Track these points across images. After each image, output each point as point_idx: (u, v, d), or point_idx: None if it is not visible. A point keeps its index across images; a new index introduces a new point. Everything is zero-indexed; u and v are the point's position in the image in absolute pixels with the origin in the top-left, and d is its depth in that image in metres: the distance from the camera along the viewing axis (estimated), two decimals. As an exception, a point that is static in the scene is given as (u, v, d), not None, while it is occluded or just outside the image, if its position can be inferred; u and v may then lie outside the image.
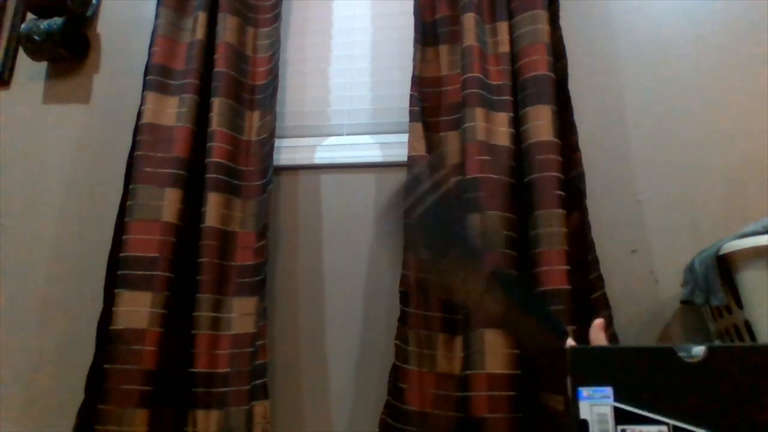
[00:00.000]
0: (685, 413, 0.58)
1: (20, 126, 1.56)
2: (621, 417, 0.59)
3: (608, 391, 0.60)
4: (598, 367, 0.61)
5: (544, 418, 1.03)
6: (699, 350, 0.60)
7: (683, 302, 1.03)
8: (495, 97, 1.23)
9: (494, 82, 1.24)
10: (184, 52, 1.39)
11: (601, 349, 0.69)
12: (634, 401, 0.59)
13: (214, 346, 1.18)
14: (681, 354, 0.61)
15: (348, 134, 1.42)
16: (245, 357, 1.18)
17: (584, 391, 0.60)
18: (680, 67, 1.29)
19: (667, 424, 0.58)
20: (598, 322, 0.78)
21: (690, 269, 1.01)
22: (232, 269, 1.25)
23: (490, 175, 1.15)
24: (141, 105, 1.33)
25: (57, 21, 1.50)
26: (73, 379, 1.27)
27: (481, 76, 1.22)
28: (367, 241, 1.31)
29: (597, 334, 0.78)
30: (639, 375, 0.61)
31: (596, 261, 1.11)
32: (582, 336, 0.82)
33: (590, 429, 0.59)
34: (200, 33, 1.36)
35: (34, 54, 1.53)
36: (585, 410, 0.59)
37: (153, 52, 1.37)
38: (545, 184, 1.12)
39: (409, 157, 1.23)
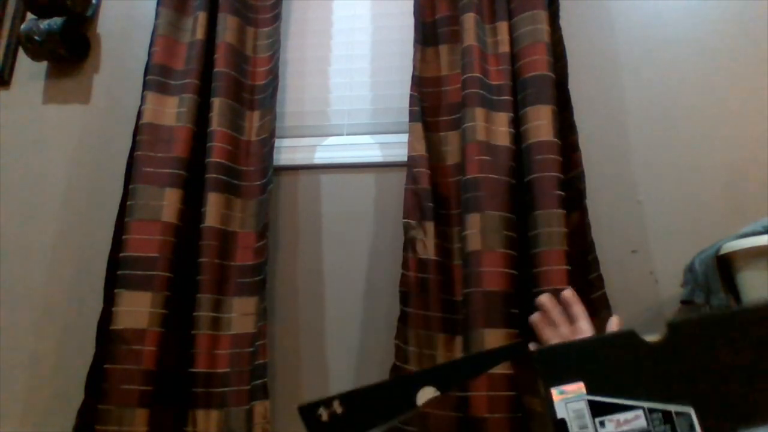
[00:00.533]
0: (657, 393, 0.59)
1: (20, 126, 1.56)
2: (596, 409, 0.59)
3: (580, 386, 0.60)
4: (566, 364, 0.62)
5: (534, 418, 1.03)
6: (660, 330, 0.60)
7: (683, 302, 1.03)
8: (495, 97, 1.22)
9: (494, 82, 1.24)
10: (184, 52, 1.39)
11: (565, 346, 0.70)
12: (606, 390, 0.60)
13: (214, 346, 1.18)
14: (644, 335, 0.61)
15: (348, 134, 1.42)
16: (245, 357, 1.18)
17: (556, 391, 0.60)
18: (680, 67, 1.29)
19: (641, 408, 0.59)
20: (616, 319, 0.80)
21: (690, 269, 1.01)
22: (232, 269, 1.24)
23: (490, 175, 1.15)
24: (141, 105, 1.33)
25: (57, 21, 1.49)
26: (73, 379, 1.26)
27: (481, 76, 1.21)
28: (367, 241, 1.31)
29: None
30: (606, 364, 0.61)
31: (596, 261, 1.11)
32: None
33: (569, 427, 0.59)
34: (200, 33, 1.36)
35: (34, 54, 1.53)
36: (561, 409, 0.60)
37: (153, 52, 1.37)
38: (545, 184, 1.11)
39: (409, 157, 1.23)
